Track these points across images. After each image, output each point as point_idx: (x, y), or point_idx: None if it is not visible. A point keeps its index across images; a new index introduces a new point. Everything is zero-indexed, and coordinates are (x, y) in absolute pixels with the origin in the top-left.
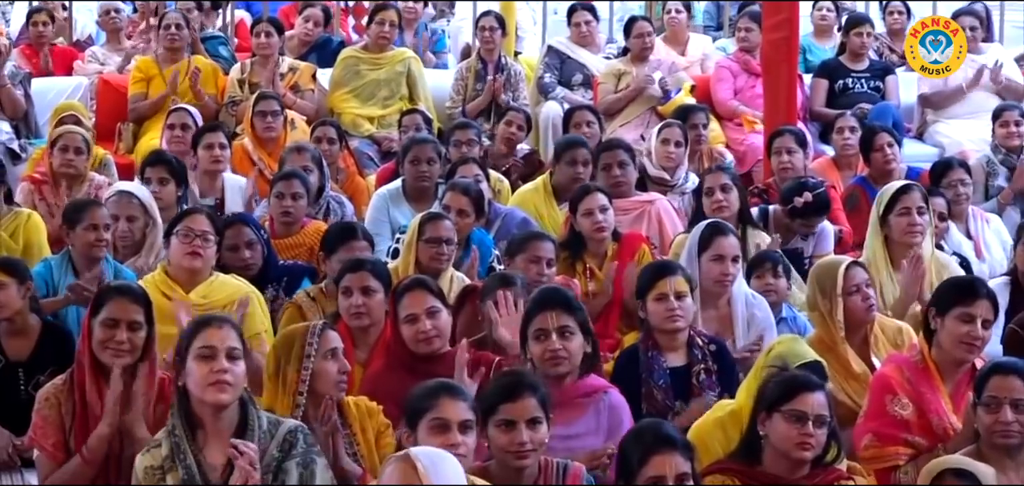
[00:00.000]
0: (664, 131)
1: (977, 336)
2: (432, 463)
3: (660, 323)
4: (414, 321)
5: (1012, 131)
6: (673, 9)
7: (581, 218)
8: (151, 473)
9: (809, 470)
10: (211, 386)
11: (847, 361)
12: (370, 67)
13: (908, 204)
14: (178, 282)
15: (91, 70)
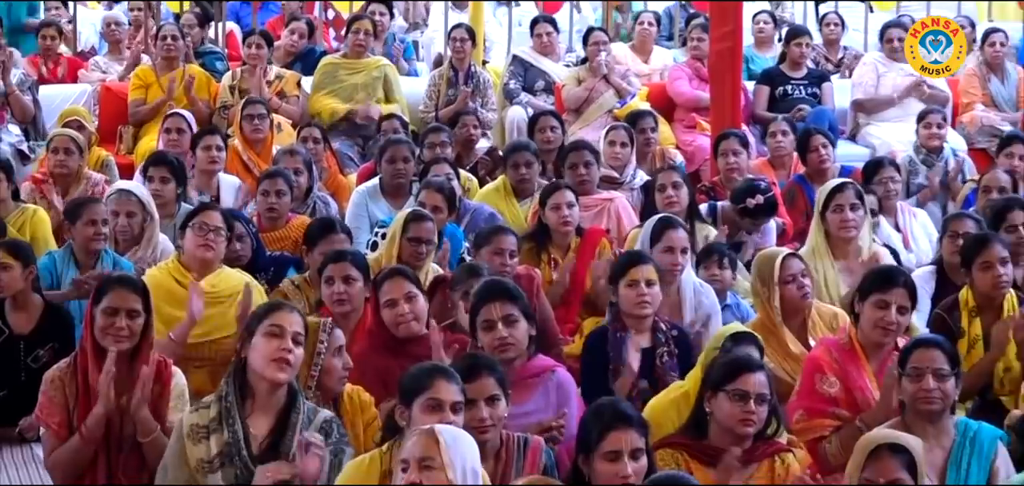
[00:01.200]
0: (611, 134)
1: (891, 321)
2: (453, 439)
3: (630, 308)
4: (394, 305)
5: (934, 133)
6: (646, 21)
7: (549, 212)
8: (196, 430)
9: (751, 443)
10: (274, 362)
11: (785, 342)
12: (348, 72)
13: (842, 201)
14: (191, 271)
15: (94, 78)
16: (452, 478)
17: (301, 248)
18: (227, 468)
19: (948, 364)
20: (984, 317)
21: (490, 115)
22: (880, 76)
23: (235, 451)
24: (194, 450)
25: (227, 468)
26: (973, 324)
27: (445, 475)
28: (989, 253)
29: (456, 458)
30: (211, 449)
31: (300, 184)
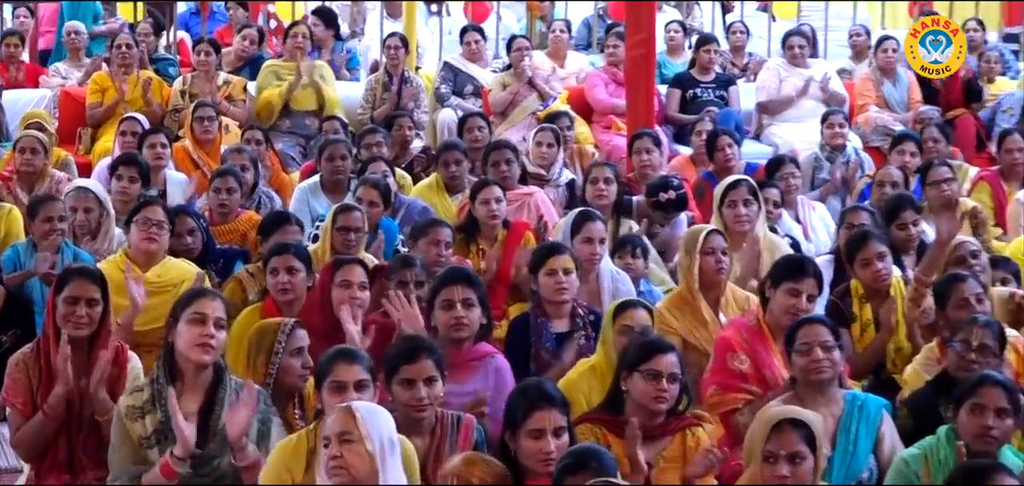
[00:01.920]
0: (538, 134)
1: (801, 308)
2: (370, 413)
3: (550, 295)
4: (348, 286)
5: (837, 132)
6: (557, 28)
7: (479, 206)
8: (132, 411)
9: (664, 418)
10: (197, 346)
11: (699, 310)
12: (288, 72)
13: (735, 197)
14: (137, 263)
15: (55, 83)
16: (371, 449)
17: (252, 240)
18: (163, 444)
19: (832, 337)
20: (873, 303)
21: (422, 116)
22: (782, 80)
23: (167, 428)
24: (132, 428)
25: (163, 444)
26: (864, 309)
27: (364, 447)
28: (867, 250)
29: (373, 430)
30: (147, 427)
31: (247, 180)
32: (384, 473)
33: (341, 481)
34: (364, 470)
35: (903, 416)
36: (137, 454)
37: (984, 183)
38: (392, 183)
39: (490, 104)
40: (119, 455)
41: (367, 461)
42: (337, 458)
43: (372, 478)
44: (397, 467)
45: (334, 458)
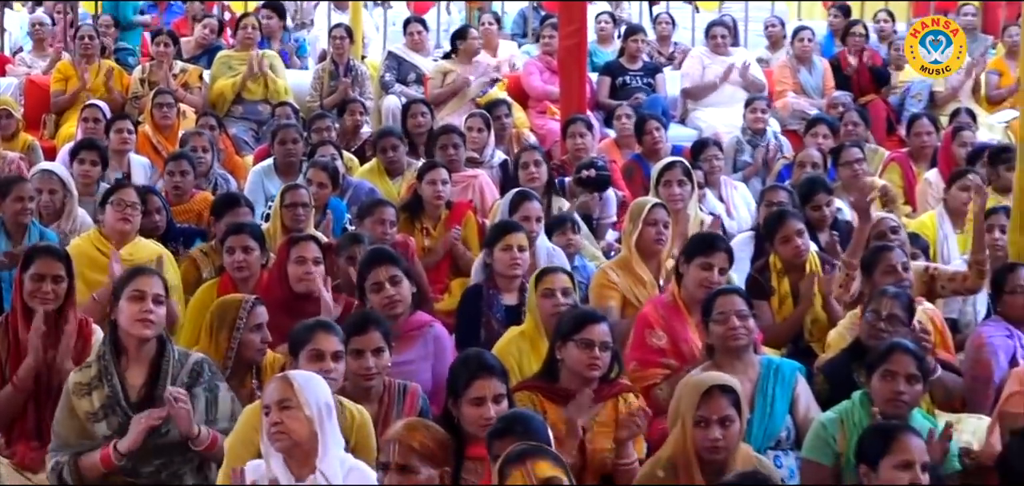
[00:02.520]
0: (469, 120)
1: (714, 280)
2: (305, 381)
3: (504, 269)
4: (302, 263)
5: (759, 116)
6: (487, 20)
7: (425, 186)
8: (80, 388)
9: (597, 385)
10: (138, 322)
11: (637, 272)
12: (239, 62)
13: (670, 178)
14: (110, 241)
15: (20, 72)
16: (309, 414)
17: (206, 219)
18: (110, 418)
19: (746, 306)
20: (791, 277)
21: (367, 103)
22: (705, 68)
23: (115, 402)
24: (79, 404)
25: (110, 418)
26: (782, 283)
27: (302, 413)
28: (787, 228)
29: (310, 397)
30: (94, 403)
31: (206, 162)
32: (322, 436)
33: (282, 445)
34: (303, 434)
35: (820, 382)
36: (83, 428)
37: (895, 164)
38: (340, 166)
39: (430, 90)
40: (64, 428)
41: (306, 425)
42: (278, 424)
43: (312, 441)
44: (335, 430)
45: (275, 424)
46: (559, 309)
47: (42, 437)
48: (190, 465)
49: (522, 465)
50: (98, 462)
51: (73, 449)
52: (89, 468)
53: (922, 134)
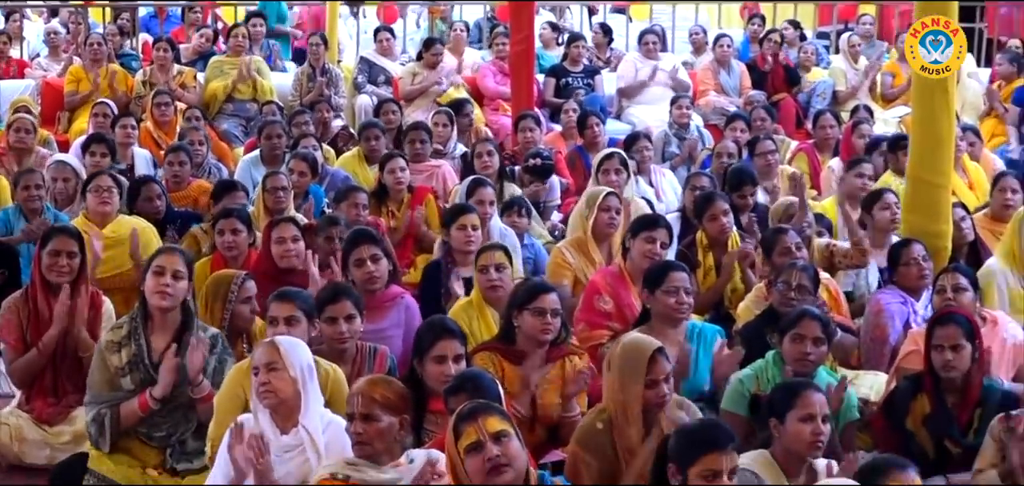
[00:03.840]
0: (435, 116)
1: (657, 253)
2: (290, 345)
3: (459, 246)
4: (282, 242)
5: (684, 112)
6: (457, 28)
7: (387, 175)
8: (111, 345)
9: (549, 348)
10: (156, 293)
11: (590, 252)
12: (230, 65)
13: (608, 167)
14: (94, 223)
15: (37, 75)
16: (293, 375)
17: (203, 204)
18: (134, 373)
19: (691, 283)
20: (714, 252)
21: (341, 101)
22: (637, 70)
23: (140, 359)
24: (110, 359)
25: (134, 373)
26: (707, 257)
27: (288, 374)
28: (713, 208)
29: (294, 359)
30: (123, 358)
31: (201, 153)
32: (305, 394)
33: (270, 402)
34: (289, 392)
35: (737, 345)
36: (113, 381)
37: (802, 154)
38: (319, 156)
39: (400, 90)
40: (96, 379)
41: (291, 385)
42: (266, 384)
43: (296, 399)
44: (316, 389)
45: (264, 384)
46: (493, 283)
47: (57, 394)
48: (191, 428)
49: (474, 421)
50: (136, 408)
51: (106, 400)
52: (128, 415)
53: (826, 127)
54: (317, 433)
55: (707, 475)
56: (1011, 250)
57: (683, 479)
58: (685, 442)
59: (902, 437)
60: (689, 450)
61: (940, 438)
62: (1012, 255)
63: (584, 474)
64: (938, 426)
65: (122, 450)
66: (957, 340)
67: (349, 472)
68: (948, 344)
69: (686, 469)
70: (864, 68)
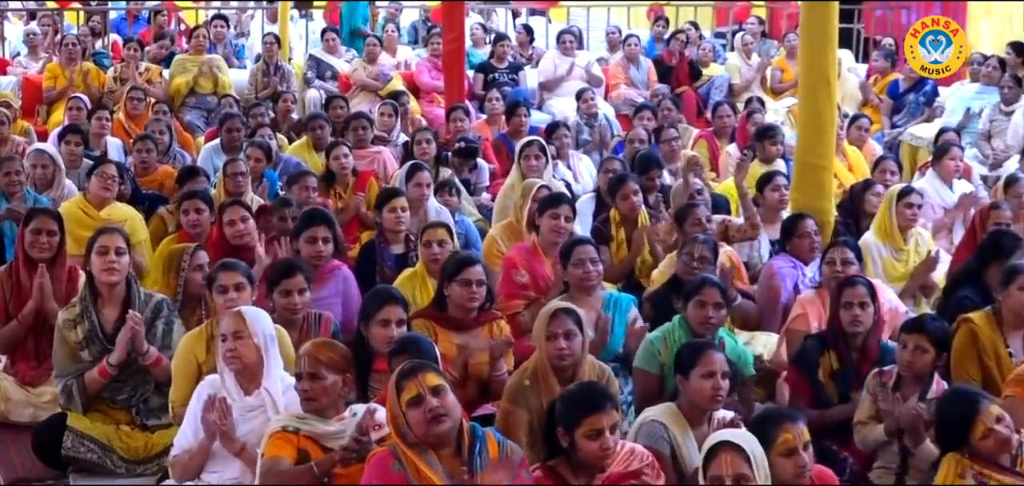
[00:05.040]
0: (380, 108)
1: (562, 228)
2: (254, 315)
3: (391, 226)
4: (233, 224)
5: (590, 105)
6: (389, 29)
7: (332, 161)
8: (68, 323)
9: (477, 314)
10: (104, 271)
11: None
12: (193, 63)
13: (529, 153)
14: (93, 205)
15: (18, 72)
16: (257, 342)
17: (169, 188)
18: (92, 347)
19: (596, 252)
20: (626, 227)
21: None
22: (556, 66)
23: (94, 334)
24: (68, 336)
25: (92, 347)
26: (619, 232)
27: (252, 341)
28: (625, 188)
29: (258, 328)
30: (79, 335)
31: (165, 142)
32: (267, 359)
33: (236, 367)
34: (253, 358)
35: (647, 309)
36: (74, 355)
37: (703, 140)
38: (273, 144)
39: (351, 80)
40: (60, 355)
41: (255, 351)
42: (232, 350)
43: (259, 364)
44: (276, 355)
45: (230, 351)
46: (435, 256)
47: (39, 358)
48: (150, 389)
49: (415, 377)
50: (97, 375)
51: (71, 372)
52: (91, 382)
53: (723, 116)
54: (278, 394)
55: (591, 434)
56: (883, 225)
57: (571, 439)
58: (568, 406)
59: (813, 390)
60: (572, 413)
61: (846, 391)
62: (884, 229)
63: (514, 425)
64: (844, 380)
65: (97, 410)
66: (864, 298)
67: (298, 425)
68: (857, 302)
69: (572, 430)
70: (756, 64)
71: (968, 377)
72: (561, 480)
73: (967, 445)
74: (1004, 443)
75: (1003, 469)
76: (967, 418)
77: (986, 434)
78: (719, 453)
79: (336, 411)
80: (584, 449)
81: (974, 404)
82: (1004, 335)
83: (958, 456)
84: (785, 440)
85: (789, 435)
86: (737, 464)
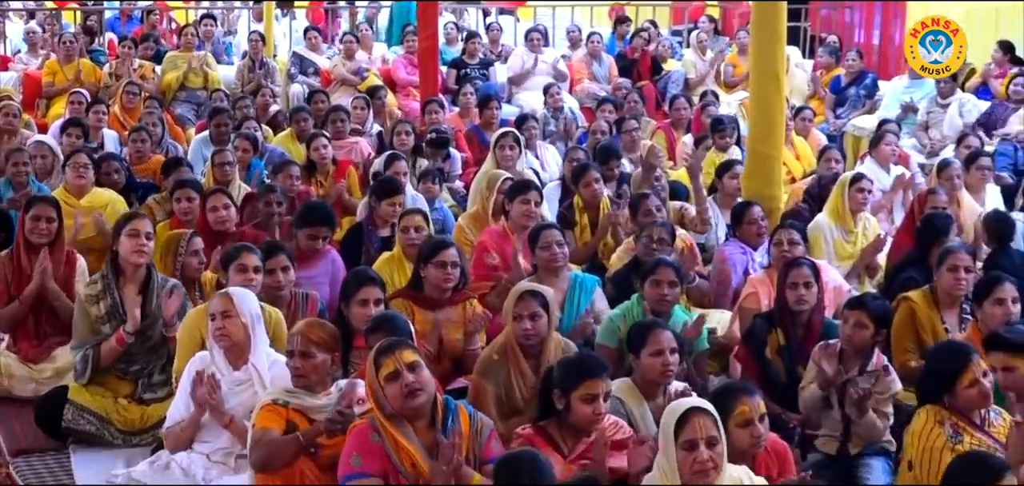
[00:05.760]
0: (355, 102)
1: (532, 213)
2: (242, 296)
3: (386, 216)
4: (215, 210)
5: (556, 98)
6: (363, 28)
7: (313, 151)
8: (90, 298)
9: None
10: (134, 252)
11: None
12: (183, 60)
13: (504, 143)
14: (72, 194)
15: (19, 69)
16: (245, 322)
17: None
18: (112, 322)
19: (562, 236)
20: (589, 213)
21: (277, 89)
22: (524, 63)
23: (115, 310)
24: (90, 310)
25: (112, 322)
26: (583, 217)
27: (240, 320)
28: (588, 177)
29: (245, 308)
30: (101, 309)
31: (157, 134)
32: (254, 337)
33: (225, 344)
34: (240, 336)
35: (609, 289)
36: (94, 327)
37: (661, 131)
38: (259, 135)
39: (331, 75)
40: (81, 327)
41: (242, 330)
42: (221, 329)
43: (247, 341)
44: (263, 332)
45: (219, 329)
46: (412, 241)
47: (40, 337)
48: (161, 362)
49: (392, 354)
50: (115, 344)
51: (90, 343)
52: (108, 351)
53: (680, 109)
54: (264, 369)
55: (586, 398)
56: (836, 208)
57: (567, 402)
58: (567, 371)
59: (761, 365)
60: (570, 377)
61: (792, 365)
62: (837, 212)
63: (484, 398)
64: (790, 356)
65: (98, 383)
66: (808, 279)
67: (288, 398)
68: (801, 281)
69: (569, 393)
70: (710, 60)
71: (907, 352)
72: (550, 439)
73: (951, 394)
74: (985, 397)
75: (975, 425)
76: (959, 366)
77: (973, 383)
78: (691, 418)
79: (324, 387)
80: (578, 412)
81: (967, 355)
82: (941, 312)
83: (937, 407)
84: (742, 412)
85: (746, 407)
86: (708, 426)
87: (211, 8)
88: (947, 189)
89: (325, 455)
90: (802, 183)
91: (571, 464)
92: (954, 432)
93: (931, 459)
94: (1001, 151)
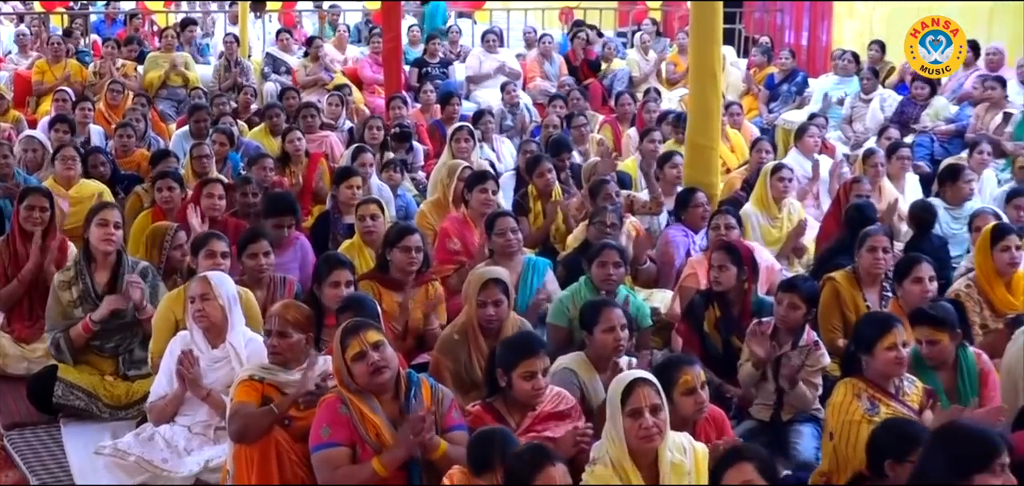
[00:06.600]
0: (329, 98)
1: (490, 201)
2: (219, 279)
3: (345, 200)
4: (211, 197)
5: (512, 95)
6: (340, 28)
7: (287, 144)
8: (63, 284)
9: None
10: (103, 240)
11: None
12: (164, 59)
13: (459, 136)
14: (61, 184)
15: (9, 68)
16: (222, 303)
17: (145, 169)
18: (84, 305)
19: (516, 223)
20: (542, 200)
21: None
22: (481, 62)
23: (88, 294)
24: (63, 295)
25: (84, 305)
26: (536, 205)
27: (217, 302)
28: (541, 167)
29: (222, 291)
30: (73, 294)
31: (141, 129)
32: (231, 318)
33: (203, 325)
34: (218, 317)
35: (560, 271)
36: (66, 312)
37: (607, 125)
38: (235, 130)
39: (297, 78)
40: (53, 312)
41: (220, 311)
42: (200, 310)
43: (224, 322)
44: (239, 313)
45: (198, 311)
46: (368, 228)
47: (32, 318)
48: (137, 340)
49: (357, 335)
50: (81, 330)
51: (61, 327)
52: (76, 336)
53: (625, 105)
54: (240, 348)
55: (525, 375)
56: (761, 196)
57: (508, 379)
58: (507, 350)
59: (700, 338)
60: (510, 356)
61: (727, 337)
62: (762, 200)
63: (443, 374)
64: (726, 328)
65: (84, 362)
66: (724, 262)
67: (264, 374)
68: (717, 265)
69: (510, 372)
70: (652, 59)
71: (832, 327)
72: (497, 414)
73: (871, 355)
74: (900, 363)
75: (890, 395)
76: (882, 330)
77: (891, 346)
78: (636, 388)
79: (298, 364)
80: (519, 388)
81: (891, 322)
82: (863, 291)
83: (854, 380)
84: (686, 381)
85: (689, 377)
86: (651, 396)
87: (190, 12)
88: (871, 177)
89: (298, 426)
90: (736, 173)
91: (520, 437)
92: (871, 405)
93: (850, 431)
94: (919, 143)
